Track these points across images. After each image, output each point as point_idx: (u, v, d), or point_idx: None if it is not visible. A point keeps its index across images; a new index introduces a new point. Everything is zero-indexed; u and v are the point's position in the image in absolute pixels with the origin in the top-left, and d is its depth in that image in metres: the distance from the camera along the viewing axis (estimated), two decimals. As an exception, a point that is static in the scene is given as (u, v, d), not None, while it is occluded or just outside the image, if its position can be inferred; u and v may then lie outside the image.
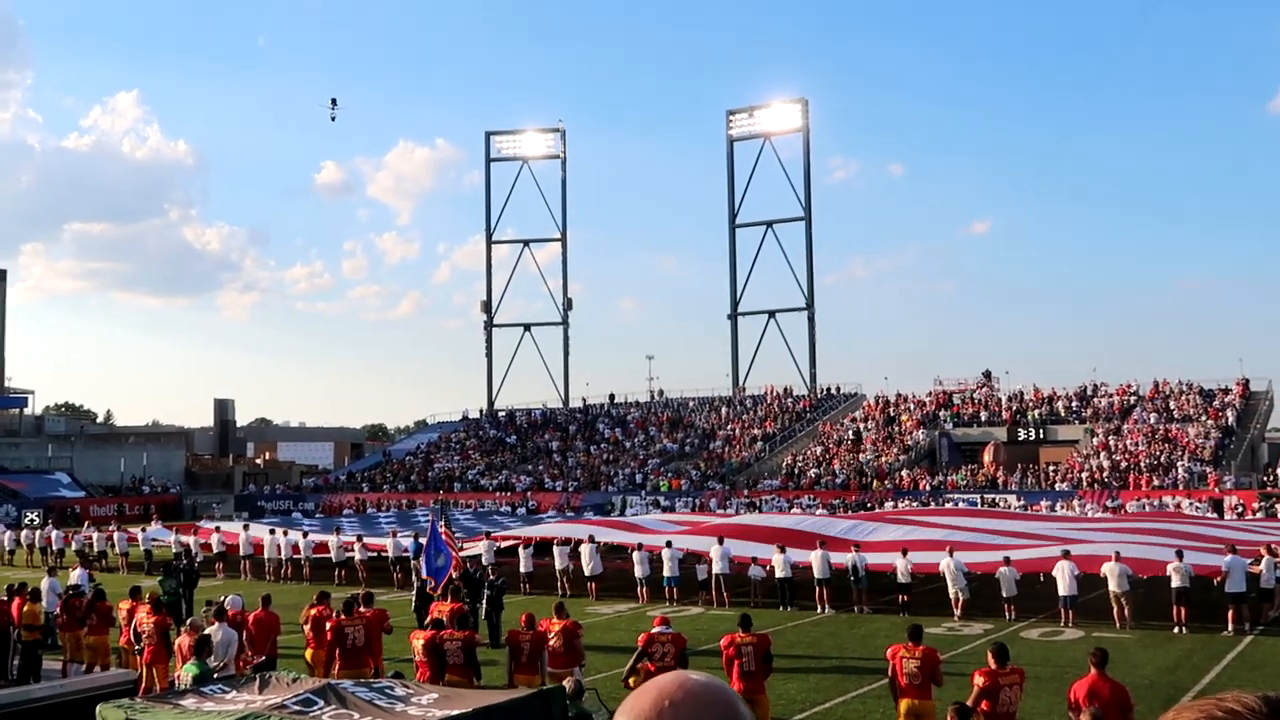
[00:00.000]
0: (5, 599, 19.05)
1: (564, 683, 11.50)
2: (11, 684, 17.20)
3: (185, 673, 12.23)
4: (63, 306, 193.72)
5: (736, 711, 1.07)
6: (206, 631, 14.33)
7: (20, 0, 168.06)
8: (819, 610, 25.27)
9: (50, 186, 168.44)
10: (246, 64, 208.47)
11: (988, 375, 66.55)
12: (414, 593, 23.22)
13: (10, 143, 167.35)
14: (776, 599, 25.95)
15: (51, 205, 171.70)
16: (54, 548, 37.35)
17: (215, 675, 12.09)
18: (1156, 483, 49.03)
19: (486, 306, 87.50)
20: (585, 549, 28.47)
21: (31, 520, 50.85)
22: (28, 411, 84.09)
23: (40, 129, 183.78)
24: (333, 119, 79.81)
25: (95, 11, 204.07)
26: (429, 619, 16.37)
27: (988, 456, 56.75)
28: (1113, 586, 22.56)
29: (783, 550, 26.05)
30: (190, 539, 34.73)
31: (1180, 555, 22.90)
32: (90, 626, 18.12)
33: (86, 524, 44.11)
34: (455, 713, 8.95)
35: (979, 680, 11.31)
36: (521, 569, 29.02)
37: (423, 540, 28.43)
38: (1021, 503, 48.82)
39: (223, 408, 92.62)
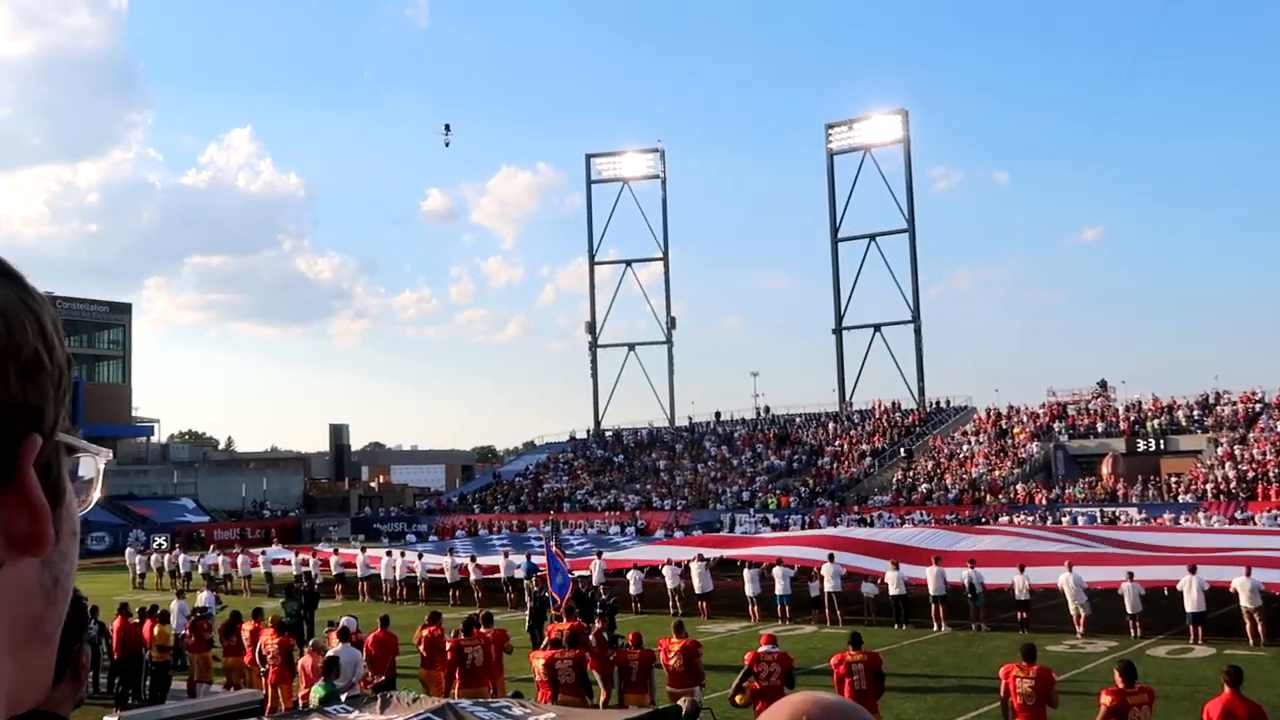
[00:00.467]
0: (137, 621, 19.77)
1: (679, 702, 11.49)
2: (144, 703, 17.83)
3: (314, 694, 12.53)
4: (184, 337, 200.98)
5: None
6: (333, 652, 14.67)
7: (140, 45, 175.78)
8: (935, 628, 24.81)
9: (170, 222, 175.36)
10: (353, 97, 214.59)
11: (1103, 385, 64.73)
12: (527, 613, 23.43)
13: (133, 181, 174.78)
14: (890, 616, 25.55)
15: (172, 240, 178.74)
16: (181, 571, 38.63)
17: (343, 696, 12.37)
18: (1288, 493, 47.05)
19: (591, 327, 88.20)
20: (695, 567, 28.42)
21: (159, 544, 52.67)
22: (154, 440, 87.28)
23: (160, 167, 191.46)
24: (447, 144, 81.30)
25: (209, 52, 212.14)
26: (548, 639, 16.51)
27: (1106, 469, 55.08)
28: (1245, 602, 21.68)
29: (896, 567, 25.66)
30: (311, 560, 35.62)
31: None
32: (228, 647, 18.72)
33: (211, 548, 45.52)
34: (572, 732, 9.02)
35: (1106, 700, 10.97)
36: (632, 589, 29.08)
37: (535, 560, 28.80)
38: (1143, 516, 47.26)
39: (338, 433, 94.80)
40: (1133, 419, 59.67)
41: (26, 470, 0.70)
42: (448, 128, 79.98)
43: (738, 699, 13.70)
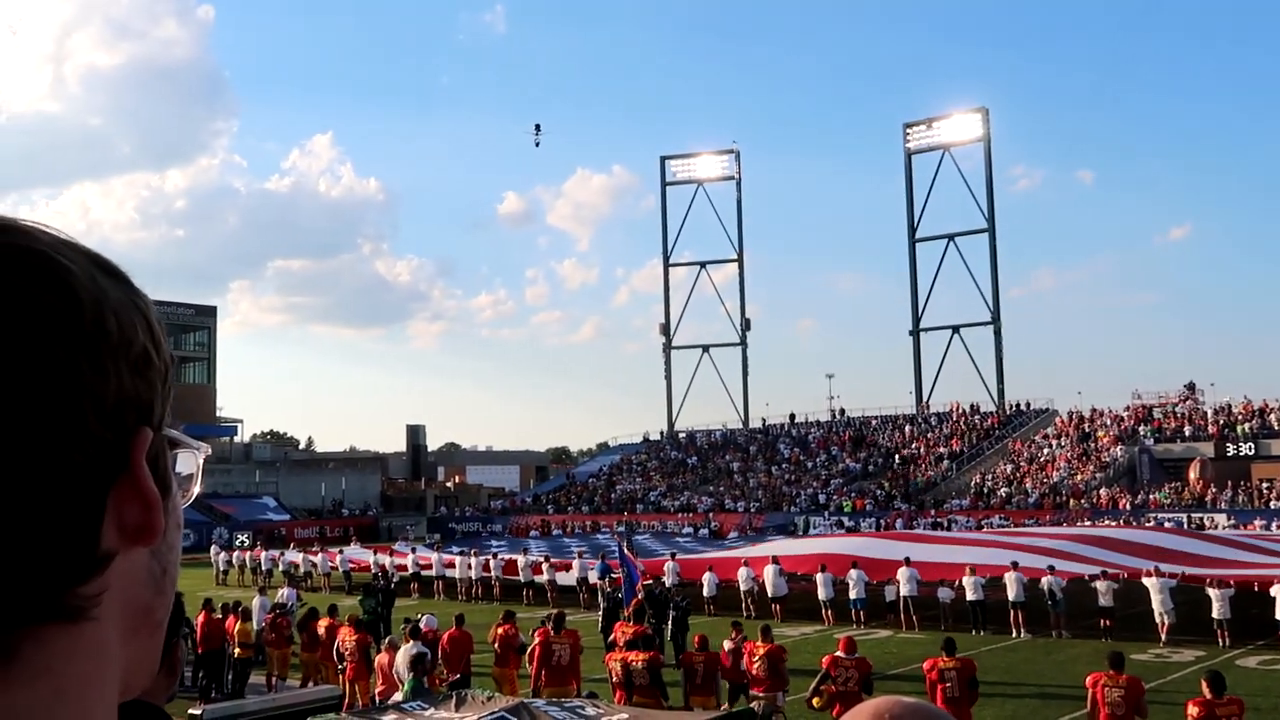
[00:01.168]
0: (220, 617, 20.17)
1: (752, 705, 11.42)
2: (226, 697, 18.19)
3: (404, 688, 12.70)
4: (266, 339, 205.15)
5: None
6: (422, 649, 14.84)
7: (225, 54, 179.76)
8: (1014, 634, 24.36)
9: (254, 226, 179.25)
10: (431, 102, 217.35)
11: (1191, 388, 63.12)
12: (600, 614, 23.48)
13: (219, 187, 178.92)
14: (968, 622, 25.14)
15: (256, 244, 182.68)
16: (263, 568, 39.37)
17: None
18: (1386, 500, 45.46)
19: (665, 329, 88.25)
20: (769, 570, 28.24)
21: (242, 542, 53.76)
22: (237, 440, 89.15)
23: (245, 173, 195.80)
24: (537, 144, 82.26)
25: (292, 61, 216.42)
26: (612, 639, 16.53)
27: (1193, 473, 53.65)
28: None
29: (973, 572, 25.24)
30: (388, 559, 36.09)
31: None
32: (304, 643, 19.04)
33: (292, 545, 46.34)
34: (644, 733, 8.99)
35: (1193, 711, 10.66)
36: (705, 591, 28.98)
37: (609, 561, 28.87)
38: (1232, 522, 46.00)
39: (414, 433, 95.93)
40: (1222, 422, 58.09)
41: (139, 462, 0.72)
42: (538, 128, 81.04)
43: (815, 702, 13.59)
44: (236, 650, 19.69)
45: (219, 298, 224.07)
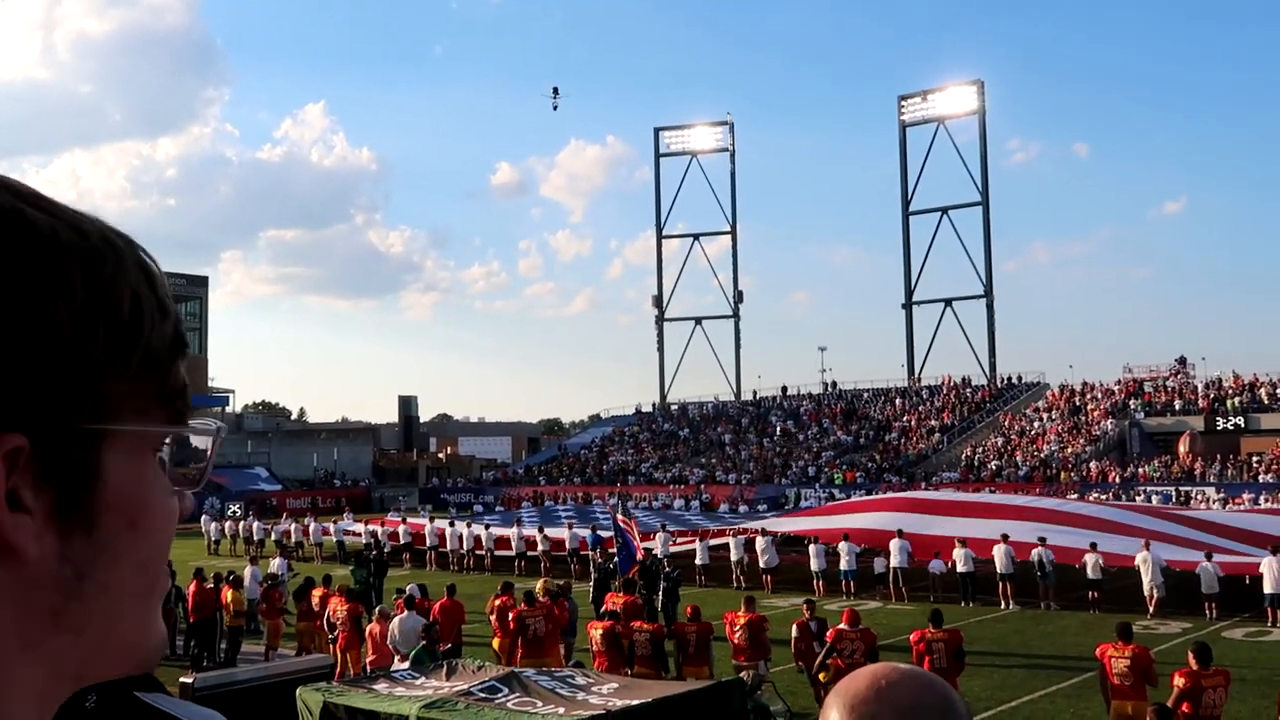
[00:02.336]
0: (212, 586, 20.21)
1: (742, 675, 11.48)
2: (218, 666, 18.24)
3: (412, 655, 12.77)
4: (259, 309, 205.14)
5: (951, 697, 1.03)
6: (419, 619, 14.90)
7: (217, 22, 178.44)
8: (1003, 606, 24.51)
9: (246, 196, 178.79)
10: (424, 72, 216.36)
11: (1182, 361, 63.26)
12: (591, 584, 23.56)
13: (210, 156, 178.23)
14: (957, 594, 25.29)
15: (248, 214, 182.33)
16: (255, 538, 39.43)
17: (405, 663, 12.54)
18: (1373, 474, 45.72)
19: (658, 301, 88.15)
20: (760, 541, 28.36)
21: (234, 512, 53.84)
22: (229, 410, 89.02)
23: (237, 142, 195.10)
24: (555, 108, 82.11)
25: (284, 29, 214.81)
26: (604, 610, 16.59)
27: (1183, 447, 53.87)
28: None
29: (963, 544, 25.37)
30: (379, 529, 36.17)
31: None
32: (301, 612, 19.10)
33: (284, 516, 46.40)
34: (635, 703, 9.04)
35: (1180, 681, 10.74)
36: (697, 561, 29.10)
37: (602, 533, 28.94)
38: (1221, 496, 46.22)
39: (406, 404, 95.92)
40: (1212, 396, 58.30)
41: None
42: (556, 90, 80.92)
43: (821, 676, 13.66)
44: (228, 619, 19.75)
45: (211, 268, 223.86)
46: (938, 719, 0.99)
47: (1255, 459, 51.11)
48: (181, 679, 12.96)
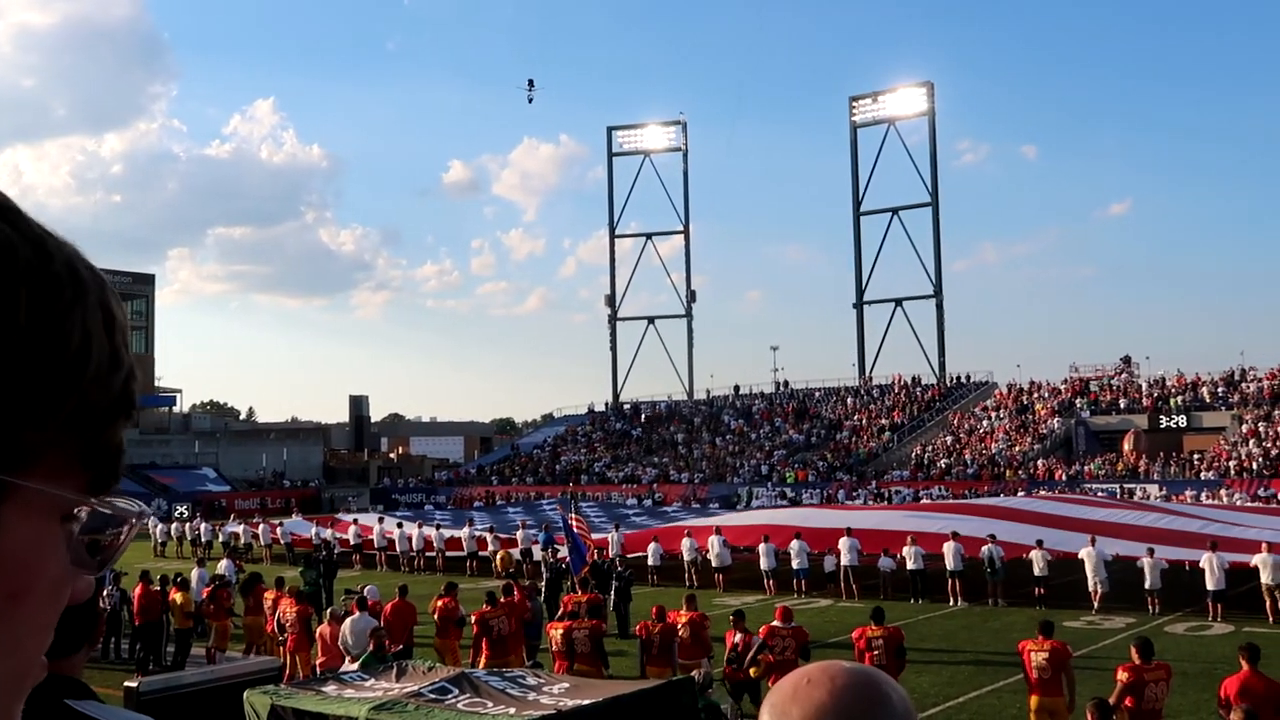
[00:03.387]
0: (158, 589, 19.93)
1: (693, 674, 11.50)
2: (165, 670, 17.99)
3: (361, 660, 12.61)
4: (207, 308, 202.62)
5: (878, 691, 1.02)
6: (370, 621, 14.77)
7: (165, 16, 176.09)
8: (952, 603, 24.77)
9: (194, 193, 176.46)
10: (377, 68, 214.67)
11: (1127, 361, 64.32)
12: (543, 583, 23.52)
13: (158, 152, 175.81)
14: (907, 592, 25.53)
15: (196, 211, 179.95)
16: (202, 539, 38.95)
17: (355, 665, 12.43)
18: (1311, 471, 46.74)
19: (611, 300, 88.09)
20: (713, 540, 28.45)
21: (181, 514, 53.14)
22: (176, 410, 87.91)
23: (185, 138, 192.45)
24: (530, 100, 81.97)
25: (234, 23, 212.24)
26: (563, 610, 16.56)
27: (1127, 445, 54.75)
28: (1265, 579, 21.56)
29: (913, 542, 25.61)
30: (329, 531, 35.84)
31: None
32: (248, 607, 18.89)
33: (232, 517, 45.86)
34: (586, 702, 9.03)
35: (1122, 676, 10.91)
36: (650, 560, 29.13)
37: (554, 535, 28.89)
38: (1164, 492, 47.06)
39: (357, 404, 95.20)
40: (1156, 395, 59.30)
41: None
42: (531, 83, 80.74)
43: (752, 671, 13.72)
44: (175, 622, 19.50)
45: (158, 265, 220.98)
46: (859, 717, 0.99)
47: (1197, 456, 52.08)
48: (126, 683, 12.77)
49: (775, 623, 13.98)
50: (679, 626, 14.95)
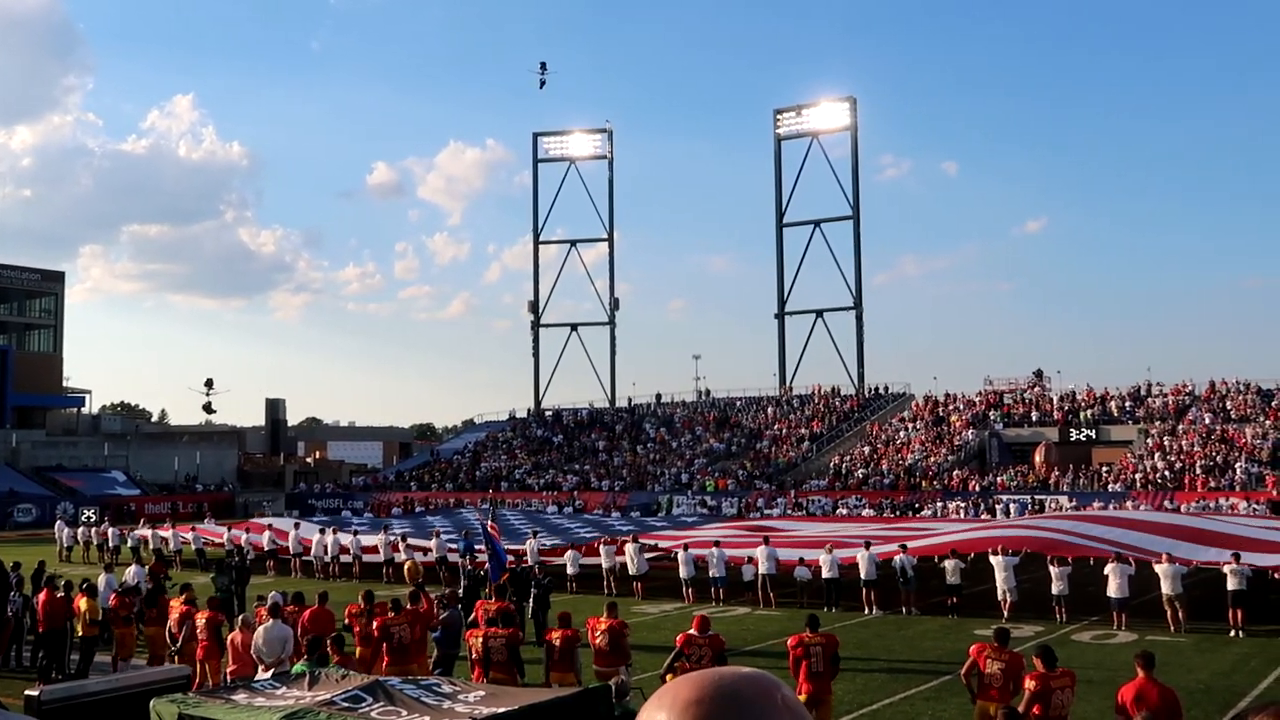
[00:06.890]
0: (63, 595, 19.39)
1: (610, 682, 11.51)
2: (68, 678, 17.52)
3: (294, 670, 12.31)
4: (120, 307, 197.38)
5: (758, 691, 1.03)
6: (285, 629, 14.47)
7: (80, 6, 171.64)
8: (866, 611, 25.12)
9: (108, 189, 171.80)
10: (300, 67, 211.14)
11: (1039, 375, 65.78)
12: (461, 591, 23.36)
13: (71, 146, 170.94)
14: (822, 600, 25.82)
15: (109, 207, 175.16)
16: (110, 545, 37.97)
17: (269, 673, 12.23)
18: (1213, 484, 48.22)
19: (534, 306, 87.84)
20: (630, 548, 28.51)
21: (88, 518, 51.77)
22: (85, 411, 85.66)
23: (100, 132, 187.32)
24: (542, 84, 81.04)
25: (153, 16, 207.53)
26: (473, 617, 16.46)
27: (1039, 457, 56.02)
28: (1166, 589, 22.21)
29: (830, 551, 25.92)
30: (242, 536, 35.18)
31: (1238, 557, 22.51)
32: (150, 618, 18.43)
33: (141, 521, 44.76)
34: (502, 710, 9.00)
35: (1030, 684, 11.17)
36: (568, 569, 29.10)
37: (474, 543, 28.73)
38: (1073, 504, 48.18)
39: (274, 407, 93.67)
40: (1066, 409, 60.75)
41: None
42: (543, 66, 79.85)
43: (668, 679, 13.75)
44: (81, 630, 18.98)
45: (69, 263, 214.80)
46: (718, 714, 1.00)
47: (1105, 469, 53.47)
48: (27, 691, 12.42)
49: (692, 631, 14.05)
50: (598, 634, 14.94)
